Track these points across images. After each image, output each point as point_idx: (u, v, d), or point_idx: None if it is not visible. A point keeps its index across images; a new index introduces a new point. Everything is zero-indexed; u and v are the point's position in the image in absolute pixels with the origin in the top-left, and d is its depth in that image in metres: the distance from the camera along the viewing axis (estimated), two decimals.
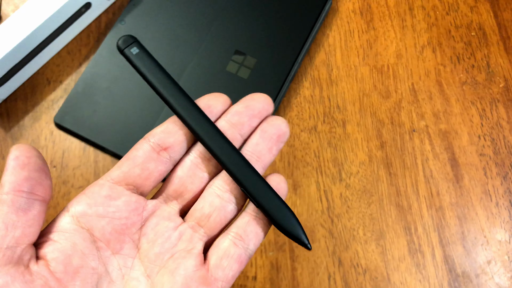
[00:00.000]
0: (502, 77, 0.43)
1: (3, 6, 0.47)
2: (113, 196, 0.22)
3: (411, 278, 0.38)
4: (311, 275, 0.38)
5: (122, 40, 0.23)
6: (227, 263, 0.22)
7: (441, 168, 0.41)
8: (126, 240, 0.22)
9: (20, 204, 0.20)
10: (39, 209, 0.20)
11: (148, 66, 0.23)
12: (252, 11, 0.44)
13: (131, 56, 0.23)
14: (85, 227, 0.21)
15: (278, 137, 0.24)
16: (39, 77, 0.44)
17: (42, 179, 0.20)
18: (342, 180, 0.41)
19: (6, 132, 0.43)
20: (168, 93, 0.22)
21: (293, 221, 0.22)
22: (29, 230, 0.20)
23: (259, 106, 0.24)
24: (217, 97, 0.24)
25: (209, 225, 0.23)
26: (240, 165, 0.22)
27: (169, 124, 0.23)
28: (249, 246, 0.22)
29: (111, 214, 0.22)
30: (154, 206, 0.23)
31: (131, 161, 0.22)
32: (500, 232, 0.39)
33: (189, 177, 0.23)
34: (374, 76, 0.44)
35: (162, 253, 0.22)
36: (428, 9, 0.46)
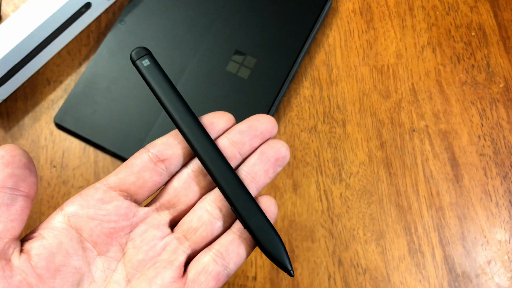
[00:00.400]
0: (502, 77, 0.43)
1: (3, 6, 0.47)
2: (105, 200, 0.22)
3: (411, 278, 0.38)
4: (311, 275, 0.38)
5: (135, 51, 0.24)
6: (204, 278, 0.22)
7: (441, 168, 0.41)
8: (113, 243, 0.22)
9: (3, 199, 0.20)
10: (23, 204, 0.21)
11: (157, 79, 0.23)
12: (252, 11, 0.44)
13: (142, 67, 0.24)
14: (74, 227, 0.22)
15: (276, 160, 0.24)
16: (39, 77, 0.44)
17: (26, 175, 0.21)
18: (342, 180, 0.41)
19: (6, 132, 0.43)
20: (173, 107, 0.23)
21: (278, 246, 0.22)
22: (12, 224, 0.20)
23: (262, 127, 0.24)
24: (222, 115, 0.24)
25: (194, 239, 0.23)
26: (233, 184, 0.22)
27: (170, 137, 0.23)
28: (229, 265, 0.22)
29: (101, 217, 0.22)
30: (145, 214, 0.23)
31: (128, 168, 0.23)
32: (500, 232, 0.39)
33: (183, 189, 0.23)
34: (374, 76, 0.44)
35: (145, 260, 0.22)
36: (428, 9, 0.46)
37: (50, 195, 0.40)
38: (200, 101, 0.41)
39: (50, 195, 0.40)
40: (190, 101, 0.42)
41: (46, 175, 0.41)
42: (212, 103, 0.41)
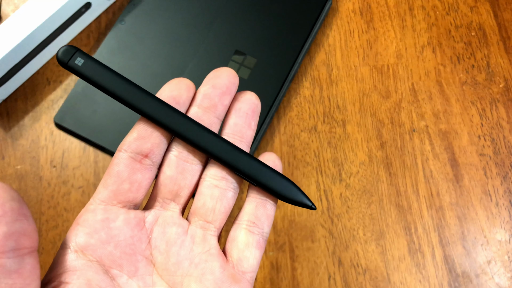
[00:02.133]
0: (502, 77, 0.43)
1: (3, 6, 0.47)
2: (111, 218, 0.21)
3: (411, 278, 0.38)
4: (311, 275, 0.38)
5: (61, 52, 0.21)
6: (249, 253, 0.22)
7: (441, 168, 0.41)
8: (139, 259, 0.21)
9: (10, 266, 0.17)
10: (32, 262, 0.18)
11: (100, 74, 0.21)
12: (252, 11, 0.44)
13: (77, 68, 0.21)
14: (94, 259, 0.20)
15: (253, 112, 0.23)
16: (39, 77, 0.44)
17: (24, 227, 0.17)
18: (342, 180, 0.41)
19: (6, 132, 0.43)
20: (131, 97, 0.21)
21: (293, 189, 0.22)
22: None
23: (226, 82, 0.23)
24: (179, 85, 0.22)
25: (216, 218, 0.22)
26: (228, 150, 0.22)
27: (139, 128, 0.22)
28: (264, 230, 0.22)
29: (115, 237, 0.21)
30: (154, 216, 0.22)
31: (116, 177, 0.21)
32: (500, 232, 0.39)
33: (179, 173, 0.22)
34: (374, 76, 0.44)
35: (180, 261, 0.21)
36: (428, 9, 0.46)
37: (50, 195, 0.40)
38: None
39: (50, 195, 0.40)
40: None
41: (46, 175, 0.41)
42: None
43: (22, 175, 0.41)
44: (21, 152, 0.42)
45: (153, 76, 0.43)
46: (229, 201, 0.22)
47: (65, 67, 0.21)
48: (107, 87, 0.21)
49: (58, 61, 0.21)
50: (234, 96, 0.23)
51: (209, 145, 0.21)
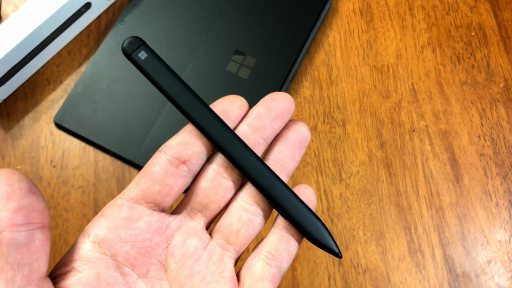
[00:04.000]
0: (502, 77, 0.43)
1: (3, 6, 0.47)
2: (134, 218, 0.21)
3: (411, 278, 0.38)
4: (311, 275, 0.38)
5: (127, 43, 0.21)
6: (262, 285, 0.21)
7: (441, 168, 0.41)
8: (152, 262, 0.21)
9: (20, 239, 0.18)
10: (42, 237, 0.18)
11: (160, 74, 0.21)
12: (252, 11, 0.44)
13: (139, 61, 0.21)
14: (108, 253, 0.20)
15: (300, 143, 0.23)
16: (39, 77, 0.44)
17: (34, 204, 0.18)
18: (342, 180, 0.41)
19: (6, 132, 0.43)
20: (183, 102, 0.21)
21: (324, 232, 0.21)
22: (37, 264, 0.18)
23: (281, 106, 0.22)
24: (233, 101, 0.22)
25: (238, 242, 0.22)
26: (266, 176, 0.21)
27: (185, 134, 0.22)
28: (282, 265, 0.22)
29: (134, 237, 0.21)
30: (179, 223, 0.22)
31: (149, 177, 0.21)
32: (500, 232, 0.39)
33: (213, 187, 0.22)
34: (374, 76, 0.44)
35: (192, 275, 0.21)
36: (428, 9, 0.46)
37: (50, 195, 0.40)
38: None
39: (50, 195, 0.40)
40: None
41: (46, 175, 0.41)
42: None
43: None
44: (21, 152, 0.42)
45: None
46: (254, 228, 0.22)
47: (128, 58, 0.21)
48: (162, 87, 0.21)
49: (122, 50, 0.21)
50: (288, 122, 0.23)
51: (249, 166, 0.21)
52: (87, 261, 0.20)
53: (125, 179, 0.41)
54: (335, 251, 0.21)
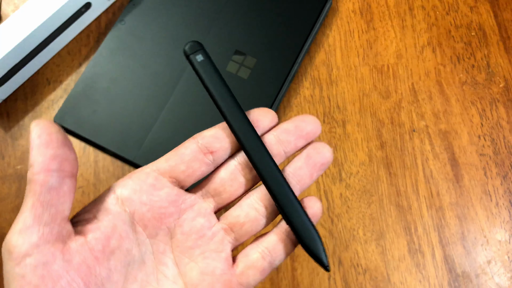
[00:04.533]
0: (502, 77, 0.43)
1: (3, 6, 0.47)
2: (157, 186, 0.23)
3: (411, 278, 0.38)
4: (311, 275, 0.38)
5: (189, 46, 0.24)
6: (252, 273, 0.24)
7: (441, 168, 0.41)
8: (162, 227, 0.24)
9: (52, 182, 0.20)
10: (70, 185, 0.21)
11: (210, 76, 0.24)
12: (252, 11, 0.44)
13: (195, 63, 0.24)
14: (128, 211, 0.23)
15: (321, 165, 0.25)
16: (39, 77, 0.44)
17: (67, 154, 0.21)
18: (342, 180, 0.41)
19: (6, 132, 0.43)
20: (224, 104, 0.24)
21: (317, 243, 0.23)
22: (62, 206, 0.21)
23: (308, 128, 0.25)
24: (267, 113, 0.25)
25: (240, 233, 0.24)
26: (280, 184, 0.23)
27: (219, 130, 0.24)
28: (274, 262, 0.24)
29: (153, 203, 0.23)
30: (193, 201, 0.24)
31: (179, 157, 0.24)
32: (500, 232, 0.39)
33: (230, 180, 0.24)
34: (374, 76, 0.44)
35: (193, 248, 0.24)
36: (428, 9, 0.46)
37: None
38: (200, 101, 0.42)
39: None
40: (190, 101, 0.42)
41: None
42: (212, 103, 0.41)
43: (22, 175, 0.41)
44: (21, 152, 0.42)
45: (153, 76, 0.43)
46: (258, 227, 0.25)
47: (187, 58, 0.24)
48: (209, 88, 0.24)
49: (184, 51, 0.24)
50: (312, 142, 0.25)
51: (265, 170, 0.24)
52: (107, 213, 0.22)
53: None
54: (324, 263, 0.23)
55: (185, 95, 0.42)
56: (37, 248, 0.20)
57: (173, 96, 0.42)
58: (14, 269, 0.20)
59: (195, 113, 0.41)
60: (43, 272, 0.20)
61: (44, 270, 0.20)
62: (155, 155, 0.40)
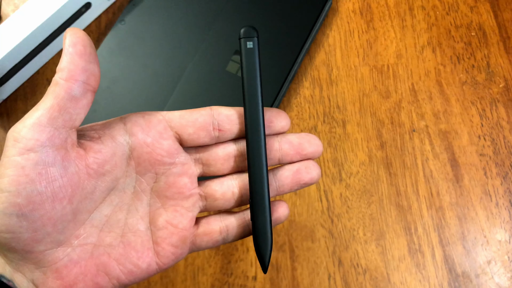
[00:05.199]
0: (502, 77, 0.43)
1: (3, 6, 0.47)
2: (163, 136, 0.25)
3: (411, 278, 0.38)
4: (311, 275, 0.38)
5: (244, 30, 0.25)
6: (206, 239, 0.26)
7: (441, 168, 0.41)
8: (152, 171, 0.25)
9: (76, 92, 0.22)
10: (89, 98, 0.22)
11: (250, 65, 0.25)
12: (252, 11, 0.44)
13: (243, 47, 0.25)
14: (130, 145, 0.25)
15: (304, 184, 0.27)
16: (39, 77, 0.44)
17: (94, 70, 0.22)
18: (342, 180, 0.41)
19: (6, 132, 0.43)
20: (250, 94, 0.25)
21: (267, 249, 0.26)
22: (77, 116, 0.22)
23: (310, 149, 0.27)
24: (282, 118, 0.27)
25: (211, 205, 0.27)
26: (262, 183, 0.25)
27: (234, 113, 0.26)
28: (227, 239, 0.27)
29: (154, 148, 0.25)
30: (185, 160, 0.26)
31: (191, 120, 0.26)
32: (500, 232, 0.39)
33: (223, 159, 0.26)
34: (374, 76, 0.44)
35: (169, 198, 0.26)
36: (428, 9, 0.46)
37: None
38: (200, 101, 0.42)
39: None
40: (190, 101, 0.42)
41: None
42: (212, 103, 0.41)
43: None
44: None
45: (153, 76, 0.43)
46: (228, 206, 0.27)
47: (239, 40, 0.25)
48: (243, 75, 0.25)
49: (239, 33, 0.25)
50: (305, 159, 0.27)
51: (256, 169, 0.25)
52: (112, 140, 0.24)
53: None
54: (264, 264, 0.26)
55: (185, 95, 0.42)
56: (43, 147, 0.21)
57: (173, 96, 0.42)
58: (16, 158, 0.21)
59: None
60: (42, 170, 0.21)
61: (43, 169, 0.21)
62: None
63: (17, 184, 0.21)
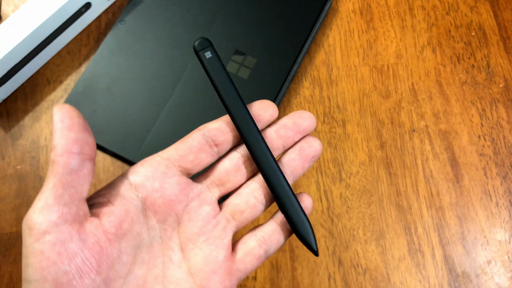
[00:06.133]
0: (502, 77, 0.43)
1: (3, 6, 0.47)
2: (168, 174, 0.25)
3: (411, 278, 0.38)
4: (311, 275, 0.38)
5: (198, 42, 0.26)
6: (250, 259, 0.26)
7: (441, 168, 0.41)
8: (171, 214, 0.25)
9: (73, 165, 0.22)
10: (89, 167, 0.22)
11: (217, 72, 0.26)
12: (252, 11, 0.44)
13: (204, 59, 0.26)
14: (141, 196, 0.24)
15: (312, 157, 0.27)
16: (39, 77, 0.44)
17: (87, 138, 0.22)
18: (342, 180, 0.41)
19: (6, 132, 0.43)
20: (228, 100, 0.26)
21: (308, 230, 0.26)
22: (82, 188, 0.22)
23: (305, 124, 0.27)
24: (267, 107, 0.26)
25: (240, 219, 0.26)
26: (276, 175, 0.26)
27: (222, 124, 0.26)
28: (269, 250, 0.26)
29: (164, 190, 0.25)
30: (199, 190, 0.26)
31: (188, 148, 0.25)
32: (500, 232, 0.39)
33: (234, 170, 0.26)
34: (374, 76, 0.44)
35: (199, 234, 0.25)
36: (428, 9, 0.46)
37: None
38: (200, 101, 0.41)
39: None
40: (190, 101, 0.42)
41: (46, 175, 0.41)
42: (212, 103, 0.41)
43: (22, 175, 0.41)
44: (21, 152, 0.42)
45: (153, 76, 0.43)
46: (257, 213, 0.27)
47: (196, 54, 0.26)
48: (215, 84, 0.26)
49: (193, 47, 0.26)
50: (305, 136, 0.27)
51: (264, 163, 0.26)
52: (121, 198, 0.24)
53: None
54: (314, 249, 0.26)
55: (185, 95, 0.42)
56: (56, 226, 0.21)
57: (173, 96, 0.42)
58: (34, 245, 0.21)
59: (195, 113, 0.41)
60: (60, 249, 0.21)
61: (62, 247, 0.21)
62: None
63: (40, 270, 0.21)
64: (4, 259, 0.39)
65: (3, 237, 0.40)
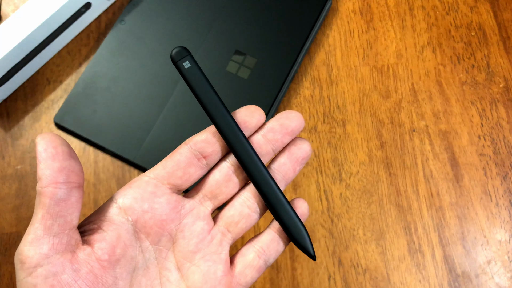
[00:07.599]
0: (502, 77, 0.43)
1: (3, 6, 0.47)
2: (157, 194, 0.24)
3: (411, 278, 0.38)
4: (311, 275, 0.38)
5: (176, 52, 0.25)
6: (250, 272, 0.25)
7: (441, 168, 0.41)
8: (164, 233, 0.24)
9: (60, 195, 0.21)
10: (77, 195, 0.22)
11: (197, 81, 0.25)
12: (252, 11, 0.44)
13: (183, 69, 0.25)
14: (131, 220, 0.24)
15: (303, 159, 0.26)
16: (39, 77, 0.44)
17: (73, 166, 0.22)
18: (342, 180, 0.41)
19: (6, 132, 0.43)
20: (212, 110, 0.25)
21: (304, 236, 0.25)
22: (71, 217, 0.22)
23: (293, 125, 0.26)
24: (253, 113, 0.26)
25: (235, 231, 0.26)
26: (269, 184, 0.25)
27: (209, 135, 0.25)
28: (269, 260, 0.26)
29: (155, 210, 0.24)
30: (191, 206, 0.25)
31: (175, 163, 0.25)
32: (500, 232, 0.39)
33: (225, 181, 0.26)
34: (374, 76, 0.44)
35: (195, 252, 0.25)
36: (428, 9, 0.46)
37: None
38: None
39: None
40: (190, 101, 0.42)
41: None
42: None
43: (22, 175, 0.41)
44: (21, 152, 0.42)
45: (153, 76, 0.43)
46: (251, 222, 0.26)
47: (174, 64, 0.25)
48: (197, 94, 0.25)
49: (171, 57, 0.25)
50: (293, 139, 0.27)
51: (255, 172, 0.25)
52: (111, 223, 0.23)
53: (125, 179, 0.41)
54: (311, 253, 0.25)
55: (185, 95, 0.42)
56: (47, 258, 0.21)
57: (173, 96, 0.42)
58: (27, 279, 0.20)
59: (195, 113, 0.41)
60: (53, 282, 0.21)
61: (55, 280, 0.21)
62: (155, 155, 0.40)
63: None
64: (4, 258, 0.39)
65: (3, 237, 0.40)
